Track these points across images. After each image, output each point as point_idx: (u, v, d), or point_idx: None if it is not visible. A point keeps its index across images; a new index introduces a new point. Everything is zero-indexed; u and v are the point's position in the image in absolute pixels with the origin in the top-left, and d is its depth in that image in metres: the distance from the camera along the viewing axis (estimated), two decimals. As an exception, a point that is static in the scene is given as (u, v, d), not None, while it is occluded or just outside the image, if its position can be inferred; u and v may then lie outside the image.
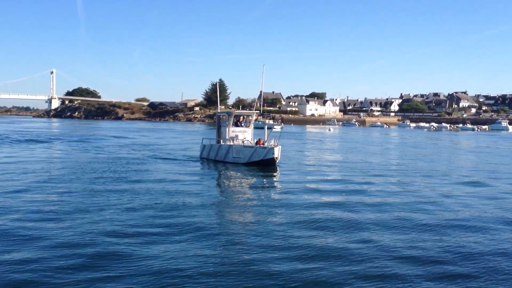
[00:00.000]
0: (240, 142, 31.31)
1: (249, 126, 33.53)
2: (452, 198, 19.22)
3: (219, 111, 36.98)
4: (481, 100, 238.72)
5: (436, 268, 10.50)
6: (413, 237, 12.99)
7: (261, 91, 35.27)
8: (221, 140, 32.43)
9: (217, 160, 31.82)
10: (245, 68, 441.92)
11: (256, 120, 44.22)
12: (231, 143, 31.20)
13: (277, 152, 28.56)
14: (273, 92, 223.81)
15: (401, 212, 16.15)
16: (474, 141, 73.48)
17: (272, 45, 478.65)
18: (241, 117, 33.75)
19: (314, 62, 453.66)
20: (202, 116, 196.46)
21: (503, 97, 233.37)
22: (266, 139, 30.66)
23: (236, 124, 32.87)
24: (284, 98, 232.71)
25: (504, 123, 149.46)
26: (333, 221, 14.48)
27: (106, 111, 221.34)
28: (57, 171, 25.26)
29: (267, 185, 22.50)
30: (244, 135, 32.22)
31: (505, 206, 17.80)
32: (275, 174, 26.31)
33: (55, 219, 13.94)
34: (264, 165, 28.61)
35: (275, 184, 23.22)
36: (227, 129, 32.20)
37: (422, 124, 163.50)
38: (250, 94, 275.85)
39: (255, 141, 30.97)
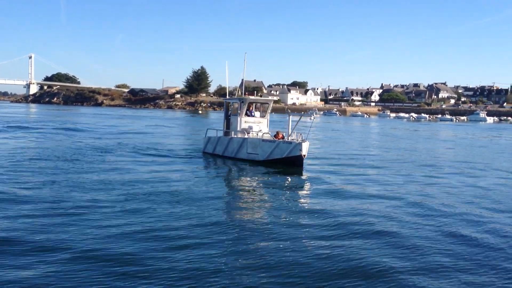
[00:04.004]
0: (256, 135, 26.88)
1: (264, 116, 28.37)
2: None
3: (227, 97, 31.53)
4: (460, 91, 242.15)
5: None
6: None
7: (242, 79, 33.39)
8: (232, 132, 27.69)
9: (225, 156, 27.33)
10: (226, 56, 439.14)
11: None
12: (245, 136, 26.64)
13: (305, 149, 23.94)
14: (254, 81, 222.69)
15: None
16: (473, 132, 74.83)
17: (254, 33, 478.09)
18: (252, 105, 28.45)
19: (296, 52, 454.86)
20: (183, 104, 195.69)
21: (482, 88, 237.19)
22: (289, 132, 25.77)
23: (246, 113, 27.98)
24: (266, 86, 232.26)
25: (482, 114, 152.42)
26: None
27: (85, 97, 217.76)
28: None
29: (294, 188, 19.58)
30: (259, 127, 27.62)
31: None
32: (302, 174, 22.66)
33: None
34: (288, 163, 24.15)
35: (305, 185, 20.25)
36: (238, 118, 27.43)
37: (401, 114, 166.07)
38: (231, 82, 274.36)
39: (273, 135, 26.68)
